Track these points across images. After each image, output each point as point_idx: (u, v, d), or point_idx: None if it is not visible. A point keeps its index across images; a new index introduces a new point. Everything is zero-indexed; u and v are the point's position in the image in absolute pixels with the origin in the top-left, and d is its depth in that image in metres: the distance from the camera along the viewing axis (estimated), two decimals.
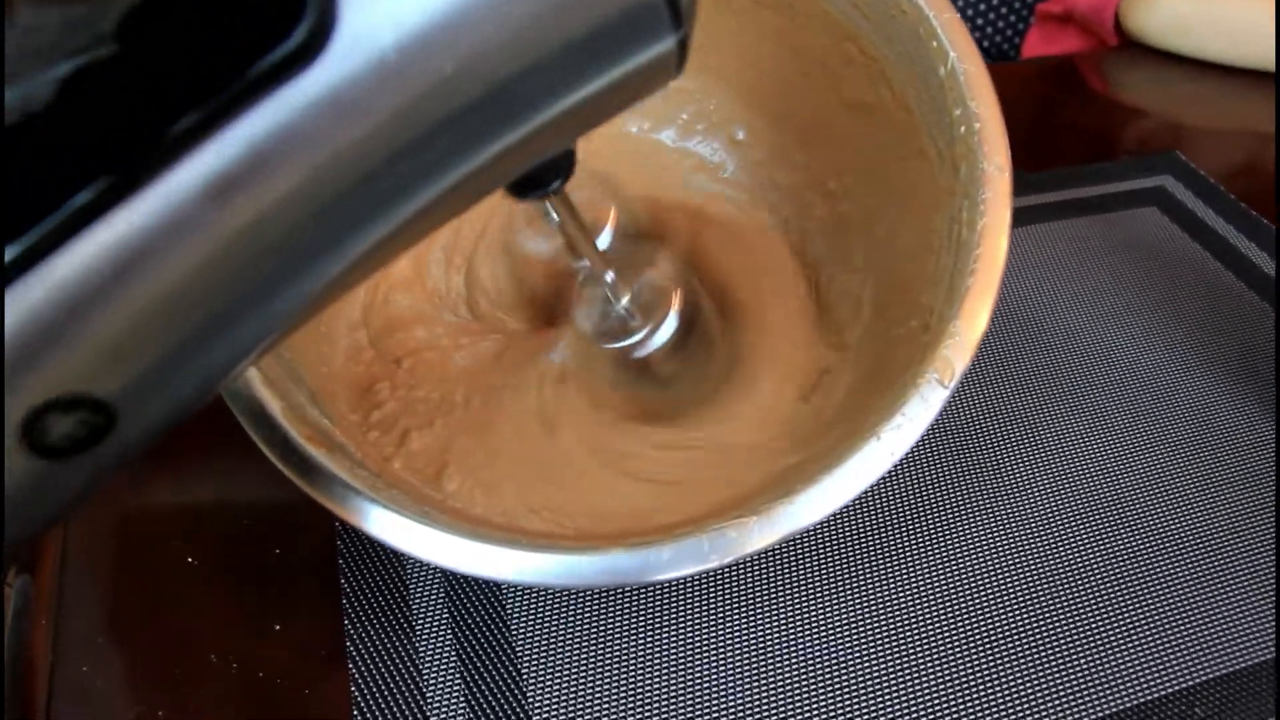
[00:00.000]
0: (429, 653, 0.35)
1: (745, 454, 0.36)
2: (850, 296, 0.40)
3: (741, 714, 0.34)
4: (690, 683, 0.34)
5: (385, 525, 0.28)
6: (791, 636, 0.36)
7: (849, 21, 0.37)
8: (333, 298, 0.20)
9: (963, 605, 0.37)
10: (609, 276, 0.35)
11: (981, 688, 0.35)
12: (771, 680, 0.35)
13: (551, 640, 0.35)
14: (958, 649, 0.36)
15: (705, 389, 0.39)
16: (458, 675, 0.34)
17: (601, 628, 0.36)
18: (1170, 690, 0.35)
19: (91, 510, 0.38)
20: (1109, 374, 0.46)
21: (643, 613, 0.36)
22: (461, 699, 0.34)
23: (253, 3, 0.16)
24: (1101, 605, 0.38)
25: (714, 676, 0.35)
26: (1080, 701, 0.35)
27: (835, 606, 0.37)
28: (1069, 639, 0.36)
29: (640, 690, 0.34)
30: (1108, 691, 0.35)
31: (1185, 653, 0.36)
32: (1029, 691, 0.35)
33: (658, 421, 0.38)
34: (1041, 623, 0.37)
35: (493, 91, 0.17)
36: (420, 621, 0.36)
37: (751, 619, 0.36)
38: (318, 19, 0.16)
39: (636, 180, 0.45)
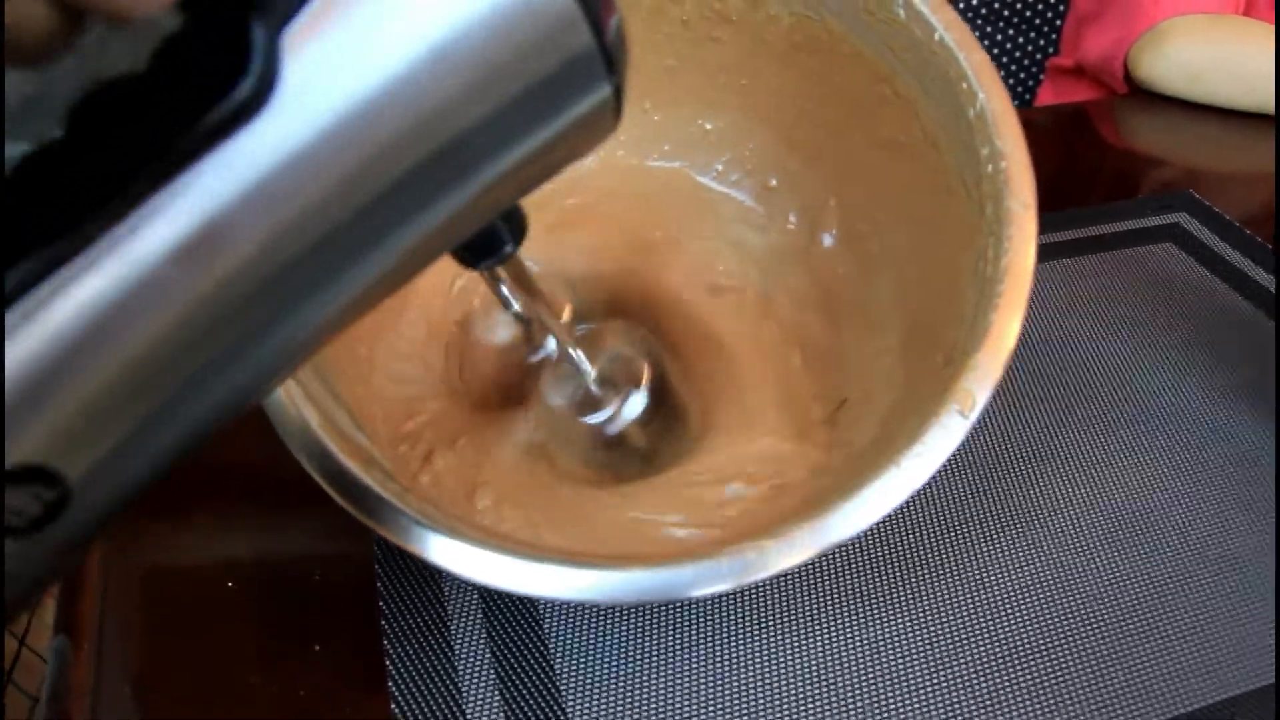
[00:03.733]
0: (468, 672, 0.33)
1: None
2: (880, 341, 0.38)
3: None
4: (728, 698, 0.33)
5: (421, 541, 0.27)
6: (825, 653, 0.34)
7: (883, 62, 0.35)
8: (297, 360, 0.19)
9: (994, 625, 0.35)
10: (574, 353, 0.33)
11: (1016, 704, 0.33)
12: (804, 696, 0.33)
13: (590, 657, 0.34)
14: (991, 667, 0.34)
15: (682, 450, 0.37)
16: (497, 694, 0.32)
17: (639, 645, 0.34)
18: (1209, 702, 0.33)
19: (130, 539, 0.37)
20: (1132, 401, 0.44)
21: (679, 629, 0.35)
22: (502, 717, 0.32)
23: (199, 59, 0.15)
24: (1136, 621, 0.35)
25: (750, 693, 0.33)
26: (1118, 713, 0.33)
27: (865, 626, 0.35)
28: (1102, 657, 0.34)
29: (679, 704, 0.32)
30: (1144, 706, 0.33)
31: (1223, 666, 0.34)
32: (1065, 706, 0.33)
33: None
34: (1074, 640, 0.35)
35: (443, 147, 0.17)
36: (459, 642, 0.34)
37: (790, 636, 0.34)
38: (262, 72, 0.15)
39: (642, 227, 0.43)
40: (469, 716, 0.32)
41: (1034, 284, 0.29)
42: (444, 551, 0.27)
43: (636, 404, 0.34)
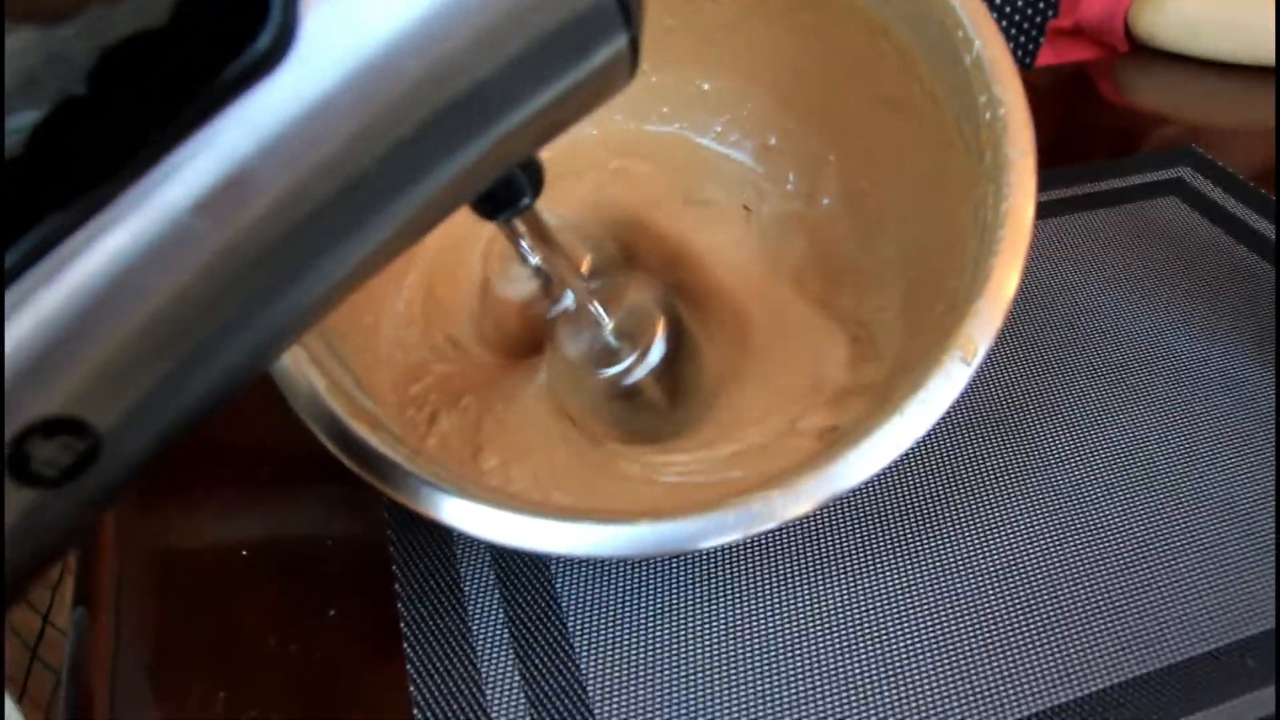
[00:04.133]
0: (482, 633, 0.33)
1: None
2: (879, 299, 0.38)
3: (790, 680, 0.32)
4: (740, 649, 0.33)
5: (430, 501, 0.27)
6: (836, 603, 0.34)
7: (879, 15, 0.35)
8: (321, 310, 0.19)
9: (1001, 575, 0.35)
10: (593, 306, 0.33)
11: (1026, 651, 0.33)
12: (816, 646, 0.33)
13: (602, 613, 0.34)
14: (999, 617, 0.34)
15: (699, 408, 0.37)
16: (511, 653, 0.33)
17: (652, 599, 0.34)
18: (1222, 644, 0.33)
19: (143, 515, 0.37)
20: (1135, 351, 0.44)
21: (690, 583, 0.35)
22: (517, 676, 0.32)
23: (218, 12, 0.15)
24: (1143, 568, 0.36)
25: (763, 644, 0.33)
26: (1131, 656, 0.33)
27: (874, 576, 0.35)
28: (1111, 603, 0.34)
29: (692, 657, 0.33)
30: (1159, 647, 0.33)
31: (1233, 609, 0.34)
32: (1075, 653, 0.33)
33: (658, 442, 0.36)
34: (1082, 588, 0.35)
35: (461, 94, 0.17)
36: (472, 604, 0.34)
37: (801, 588, 0.35)
38: (281, 23, 0.15)
39: (657, 188, 0.43)
40: (484, 676, 0.32)
41: (1036, 239, 0.29)
42: (453, 511, 0.27)
43: (653, 356, 0.34)
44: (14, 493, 0.15)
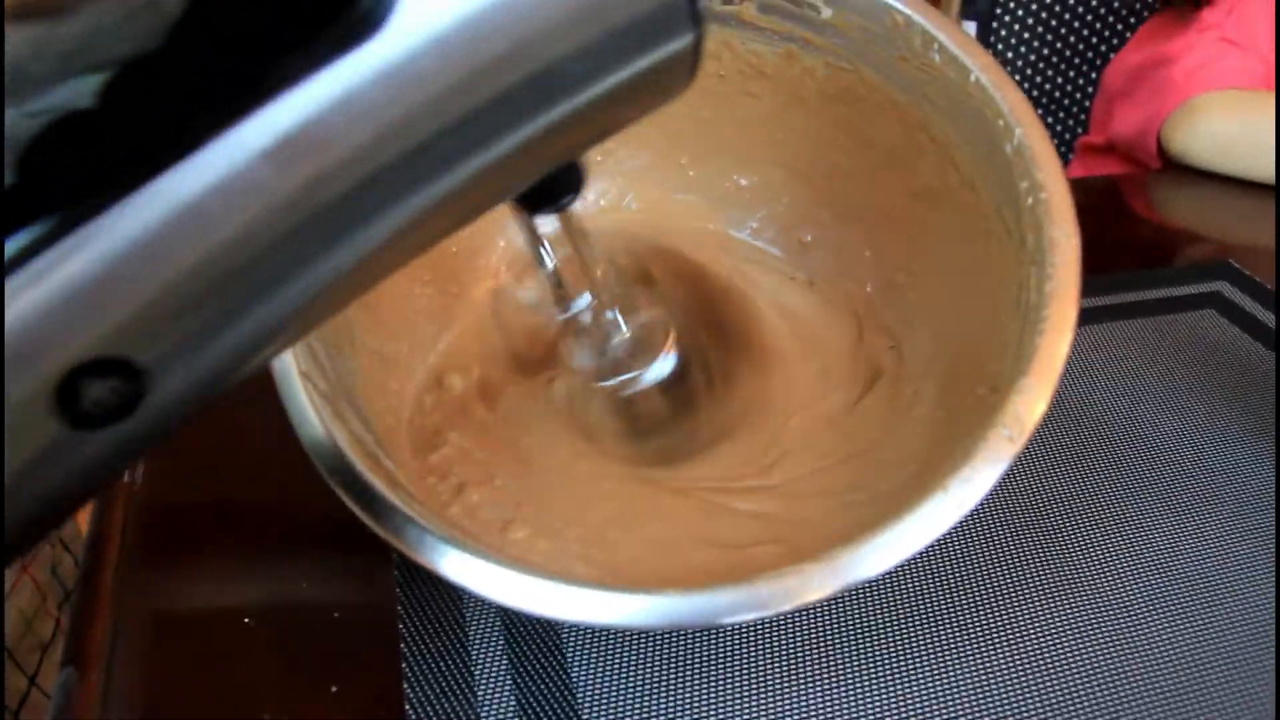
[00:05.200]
0: (492, 718, 0.32)
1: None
2: (914, 382, 0.38)
3: None
4: None
5: (449, 560, 0.27)
6: (855, 694, 0.33)
7: (918, 109, 0.36)
8: (367, 280, 0.20)
9: (1035, 690, 0.34)
10: (608, 314, 0.34)
11: None
12: None
13: (615, 697, 0.33)
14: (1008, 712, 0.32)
15: (706, 434, 0.37)
16: None
17: (662, 676, 0.33)
18: None
19: (144, 575, 0.37)
20: (1172, 463, 0.43)
21: (702, 661, 0.34)
22: None
23: None
24: (1188, 694, 0.34)
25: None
26: None
27: (895, 672, 0.34)
28: (1139, 712, 0.33)
29: None
30: None
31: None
32: None
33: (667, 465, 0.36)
34: (1108, 696, 0.33)
35: (536, 72, 0.18)
36: (482, 686, 0.33)
37: (819, 673, 0.34)
38: None
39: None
40: None
41: (1072, 346, 0.29)
42: (466, 569, 0.26)
43: (661, 368, 0.35)
44: (59, 432, 0.15)
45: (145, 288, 0.15)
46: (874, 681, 0.34)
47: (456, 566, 0.26)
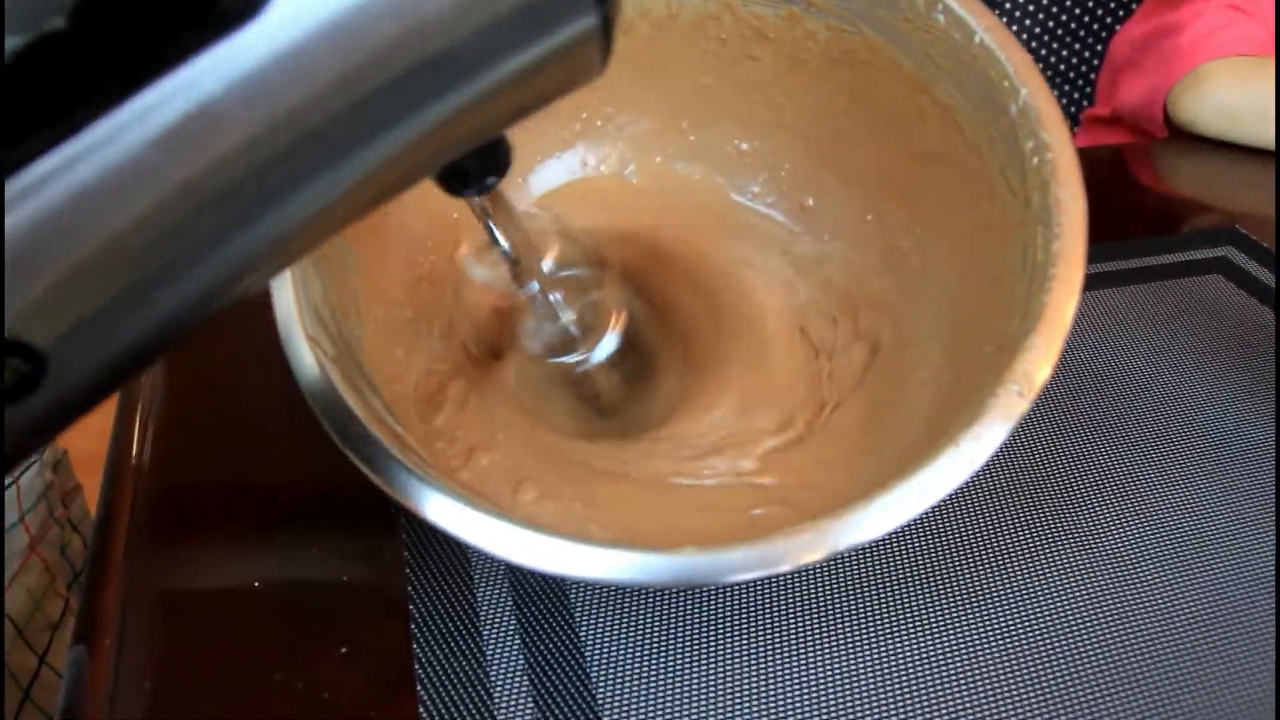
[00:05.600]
0: (500, 674, 0.33)
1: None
2: (918, 345, 0.38)
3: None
4: (760, 687, 0.32)
5: (456, 517, 0.27)
6: (859, 650, 0.34)
7: (922, 71, 0.36)
8: (274, 264, 0.20)
9: (1039, 646, 0.34)
10: (553, 295, 0.34)
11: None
12: (836, 690, 0.32)
13: (623, 654, 0.33)
14: (1032, 692, 0.33)
15: (656, 413, 0.38)
16: (529, 693, 0.32)
17: (669, 635, 0.34)
18: None
19: (153, 543, 0.37)
20: (1182, 425, 0.43)
21: (707, 621, 0.34)
22: (532, 714, 0.31)
23: None
24: (1190, 652, 0.34)
25: (782, 683, 0.32)
26: None
27: (901, 630, 0.34)
28: (1156, 687, 0.33)
29: (710, 693, 0.32)
30: None
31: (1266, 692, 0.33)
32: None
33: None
34: (1124, 666, 0.34)
35: (431, 57, 0.17)
36: (490, 645, 0.33)
37: (825, 629, 0.34)
38: None
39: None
40: (499, 716, 0.31)
41: (1078, 311, 0.29)
42: (489, 532, 0.26)
43: (605, 348, 0.35)
44: None
45: (41, 272, 0.16)
46: (877, 641, 0.34)
47: (476, 529, 0.27)
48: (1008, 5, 0.90)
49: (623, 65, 0.25)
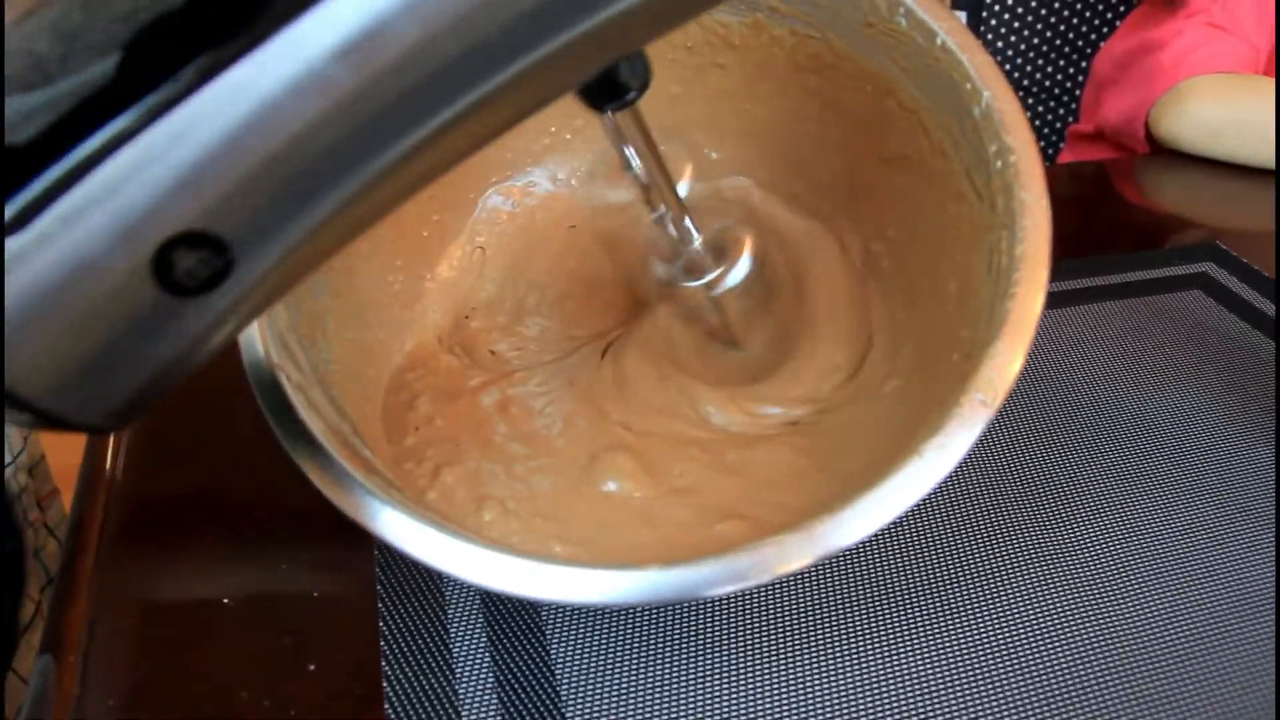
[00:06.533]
0: (468, 694, 0.32)
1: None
2: (891, 342, 0.37)
3: None
4: (730, 701, 0.31)
5: (427, 544, 0.26)
6: (834, 669, 0.32)
7: (887, 75, 0.36)
8: (436, 164, 0.20)
9: (1010, 664, 0.33)
10: (686, 221, 0.33)
11: None
12: (805, 704, 0.31)
13: (593, 671, 0.32)
14: (1003, 710, 0.32)
15: (773, 352, 0.38)
16: (498, 717, 0.31)
17: (642, 651, 0.33)
18: None
19: (125, 556, 0.36)
20: (1161, 442, 0.43)
21: (680, 637, 0.33)
22: None
23: None
24: (1165, 671, 0.33)
25: (755, 704, 0.31)
26: None
27: (874, 647, 0.33)
28: (1127, 704, 0.32)
29: (683, 711, 0.31)
30: None
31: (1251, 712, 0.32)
32: None
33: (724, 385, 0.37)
34: (1093, 685, 0.33)
35: None
36: (460, 664, 0.33)
37: (799, 649, 0.33)
38: None
39: None
40: None
41: (1058, 326, 0.28)
42: (451, 556, 0.26)
43: (739, 271, 0.35)
44: (157, 298, 0.18)
45: (229, 172, 0.17)
46: (848, 656, 0.33)
47: (438, 553, 0.26)
48: (993, 23, 0.90)
49: None
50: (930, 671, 0.33)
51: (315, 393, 0.31)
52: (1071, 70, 0.95)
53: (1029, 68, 0.94)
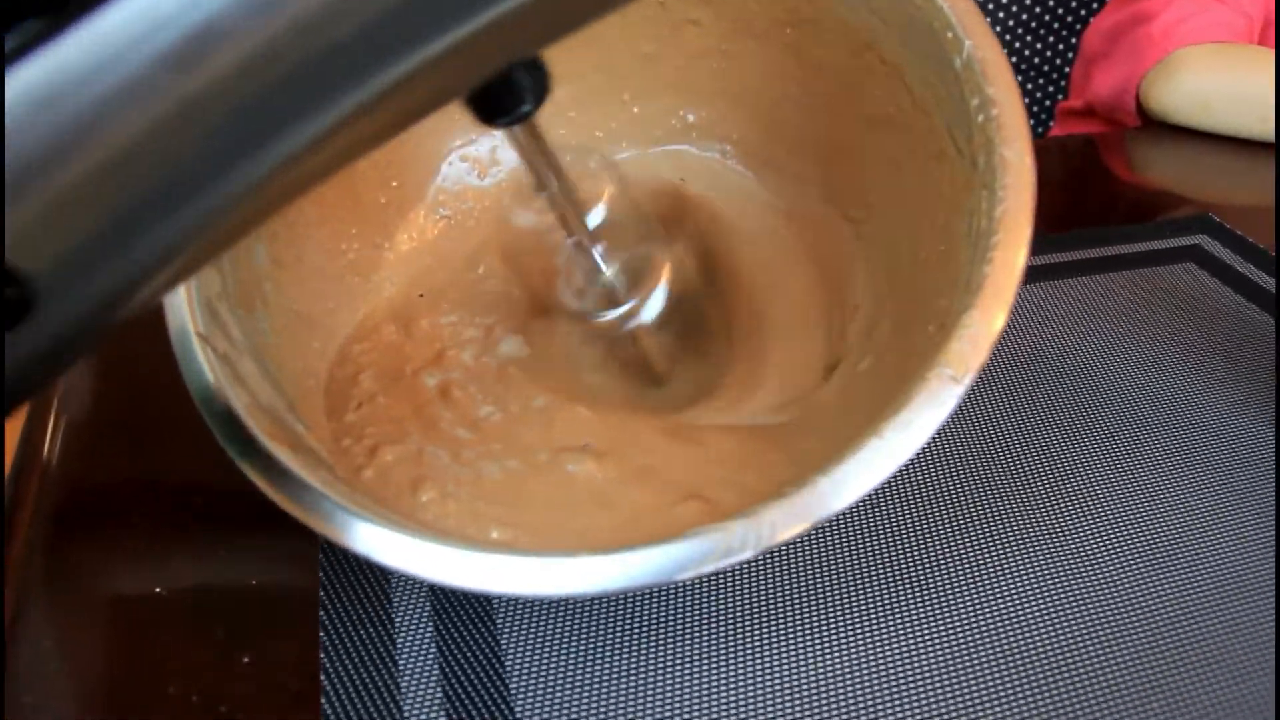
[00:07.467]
0: (412, 688, 0.30)
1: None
2: (869, 318, 0.35)
3: None
4: (681, 696, 0.29)
5: (360, 535, 0.24)
6: (796, 659, 0.30)
7: (867, 28, 0.33)
8: (276, 193, 0.17)
9: (996, 646, 0.31)
10: (596, 249, 0.30)
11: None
12: (771, 702, 0.29)
13: (543, 663, 0.30)
14: (986, 695, 0.30)
15: (702, 380, 0.35)
16: (442, 713, 0.29)
17: (597, 642, 0.31)
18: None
19: (56, 540, 0.35)
20: (1152, 416, 0.40)
21: (637, 626, 0.31)
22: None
23: None
24: (1157, 650, 0.31)
25: (705, 690, 0.29)
26: None
27: (843, 634, 0.31)
28: (1119, 686, 0.30)
29: (637, 703, 0.29)
30: None
31: (1262, 701, 0.30)
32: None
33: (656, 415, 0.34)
34: (1085, 663, 0.31)
35: None
36: (404, 655, 0.30)
37: (758, 637, 0.31)
38: None
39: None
40: None
41: (1049, 299, 0.26)
42: (384, 545, 0.24)
43: (654, 304, 0.32)
44: None
45: (31, 197, 0.14)
46: (813, 644, 0.31)
47: (358, 536, 0.24)
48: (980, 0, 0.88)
49: None
50: (899, 656, 0.30)
51: (246, 364, 0.29)
52: (1060, 46, 0.93)
53: (1017, 44, 0.92)
